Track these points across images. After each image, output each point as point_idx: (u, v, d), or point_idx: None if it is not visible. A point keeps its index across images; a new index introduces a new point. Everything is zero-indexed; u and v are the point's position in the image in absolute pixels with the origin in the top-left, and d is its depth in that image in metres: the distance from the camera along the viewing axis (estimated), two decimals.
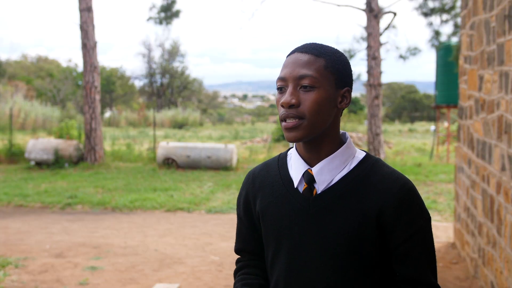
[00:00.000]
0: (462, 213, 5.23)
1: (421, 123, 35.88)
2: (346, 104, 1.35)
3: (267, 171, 1.45)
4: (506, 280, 3.38)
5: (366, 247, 1.30)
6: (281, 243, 1.37)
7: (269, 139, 20.68)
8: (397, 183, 1.31)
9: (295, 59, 1.32)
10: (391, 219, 1.29)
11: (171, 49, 44.39)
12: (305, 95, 1.29)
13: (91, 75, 12.94)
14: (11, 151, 13.27)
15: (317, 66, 1.30)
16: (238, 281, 1.47)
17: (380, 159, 1.38)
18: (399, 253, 1.31)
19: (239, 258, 1.55)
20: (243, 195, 1.49)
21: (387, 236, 1.31)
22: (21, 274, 4.93)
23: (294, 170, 1.38)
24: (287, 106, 1.29)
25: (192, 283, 4.75)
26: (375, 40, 12.56)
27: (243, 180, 1.52)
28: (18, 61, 44.02)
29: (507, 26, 3.36)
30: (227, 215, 7.78)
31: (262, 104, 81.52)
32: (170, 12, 18.22)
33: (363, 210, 1.29)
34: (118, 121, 30.68)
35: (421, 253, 1.31)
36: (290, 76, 1.31)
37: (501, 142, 3.56)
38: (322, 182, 1.33)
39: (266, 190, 1.42)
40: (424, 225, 1.32)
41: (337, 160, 1.34)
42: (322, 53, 1.32)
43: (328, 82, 1.30)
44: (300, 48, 1.34)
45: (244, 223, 1.50)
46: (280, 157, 1.46)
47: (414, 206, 1.31)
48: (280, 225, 1.37)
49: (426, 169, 11.96)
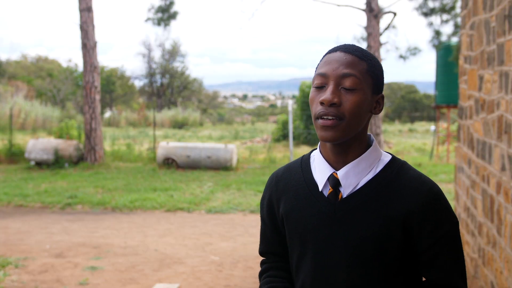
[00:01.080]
0: (462, 213, 5.23)
1: (421, 123, 35.86)
2: (379, 110, 1.34)
3: (290, 174, 1.44)
4: (506, 280, 3.38)
5: (392, 251, 1.28)
6: (306, 247, 1.36)
7: (269, 139, 20.68)
8: (424, 187, 1.29)
9: (339, 58, 1.29)
10: (417, 223, 1.28)
11: (171, 49, 44.39)
12: (347, 96, 1.27)
13: (91, 75, 12.93)
14: (11, 151, 13.27)
15: (360, 68, 1.28)
16: (264, 284, 1.47)
17: (406, 162, 1.37)
18: (427, 257, 1.30)
19: (264, 260, 1.54)
20: (267, 198, 1.47)
21: (413, 240, 1.29)
22: (21, 274, 4.93)
23: (319, 173, 1.36)
24: (328, 104, 1.26)
25: (192, 283, 4.75)
26: (375, 40, 12.56)
27: (266, 182, 1.50)
28: (18, 61, 44.01)
29: (507, 26, 3.36)
30: (227, 215, 7.78)
31: (262, 104, 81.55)
32: (168, 13, 18.19)
33: (390, 214, 1.28)
34: (118, 121, 30.67)
35: (449, 257, 1.29)
36: (333, 73, 1.27)
37: (501, 142, 3.56)
38: (348, 186, 1.32)
39: (290, 193, 1.40)
40: (452, 229, 1.30)
41: (363, 163, 1.32)
42: (365, 56, 1.30)
43: (368, 86, 1.29)
44: (343, 48, 1.32)
45: (268, 226, 1.49)
46: (303, 160, 1.44)
47: (441, 210, 1.29)
48: (305, 228, 1.36)
49: (426, 169, 11.96)
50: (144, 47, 44.12)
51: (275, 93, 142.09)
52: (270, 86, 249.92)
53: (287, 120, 18.43)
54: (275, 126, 22.16)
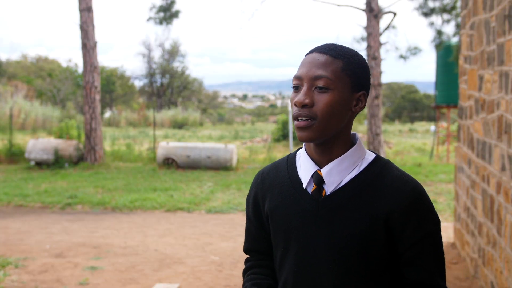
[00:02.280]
0: (462, 213, 5.23)
1: (421, 123, 35.87)
2: (361, 108, 1.34)
3: (276, 172, 1.45)
4: (506, 280, 3.38)
5: (375, 249, 1.29)
6: (290, 244, 1.37)
7: (269, 139, 20.68)
8: (407, 186, 1.30)
9: (313, 59, 1.31)
10: (400, 222, 1.28)
11: (171, 49, 44.39)
12: (319, 96, 1.28)
13: (91, 75, 12.94)
14: (11, 151, 13.27)
15: (333, 67, 1.29)
16: (247, 281, 1.47)
17: (390, 161, 1.38)
18: (408, 256, 1.30)
19: (248, 258, 1.55)
20: (252, 195, 1.48)
21: (396, 239, 1.30)
22: (21, 274, 4.93)
23: (303, 170, 1.37)
24: (300, 105, 1.29)
25: (192, 283, 4.75)
26: (375, 40, 12.56)
27: (253, 180, 1.51)
28: (18, 61, 44.00)
29: (507, 26, 3.36)
30: (227, 215, 7.78)
31: (262, 104, 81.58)
32: (170, 12, 18.22)
33: (372, 212, 1.29)
34: (118, 121, 30.68)
35: (430, 256, 1.30)
36: (306, 75, 1.30)
37: (501, 142, 3.56)
38: (331, 183, 1.33)
39: (275, 190, 1.42)
40: (434, 229, 1.31)
41: (347, 161, 1.33)
42: (340, 55, 1.31)
43: (343, 85, 1.29)
44: (319, 48, 1.33)
45: (253, 223, 1.50)
46: (289, 158, 1.46)
47: (423, 209, 1.30)
48: (289, 225, 1.37)
49: (426, 169, 11.97)
50: (144, 47, 44.15)
51: (275, 93, 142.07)
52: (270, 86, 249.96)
53: (287, 120, 18.44)
54: (275, 126, 22.15)
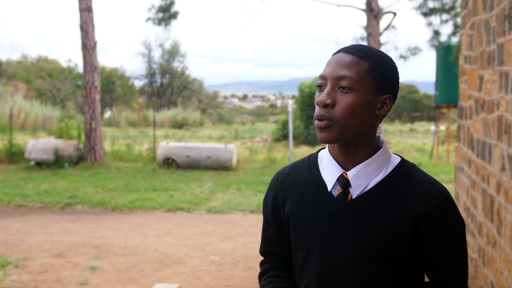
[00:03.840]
0: (462, 213, 5.23)
1: (421, 123, 35.86)
2: (386, 111, 1.32)
3: (297, 173, 1.42)
4: (506, 280, 3.38)
5: (399, 253, 1.28)
6: (313, 247, 1.34)
7: (269, 139, 20.68)
8: (434, 191, 1.29)
9: (338, 59, 1.29)
10: (426, 227, 1.28)
11: (171, 49, 44.38)
12: (342, 97, 1.27)
13: (91, 75, 12.94)
14: (11, 151, 13.27)
15: (358, 68, 1.27)
16: (266, 284, 1.44)
17: (415, 164, 1.36)
18: (434, 260, 1.30)
19: (264, 260, 1.51)
20: (271, 196, 1.45)
21: (422, 243, 1.29)
22: (21, 274, 4.93)
23: (327, 173, 1.35)
24: (322, 105, 1.27)
25: (192, 283, 4.75)
26: (375, 40, 12.56)
27: (271, 181, 1.48)
28: (18, 61, 44.01)
29: (507, 26, 3.36)
30: (227, 215, 7.78)
31: (262, 104, 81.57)
32: (169, 13, 18.22)
33: (399, 217, 1.28)
34: (118, 121, 30.67)
35: (456, 260, 1.30)
36: (330, 75, 1.28)
37: (501, 142, 3.56)
38: (358, 186, 1.31)
39: (297, 192, 1.39)
40: (460, 233, 1.31)
41: (373, 165, 1.32)
42: (367, 56, 1.29)
43: (368, 86, 1.27)
44: (346, 49, 1.31)
45: (271, 225, 1.46)
46: (310, 159, 1.43)
47: (450, 214, 1.29)
48: (312, 228, 1.34)
49: (426, 169, 11.96)
50: (144, 47, 44.11)
51: (275, 93, 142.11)
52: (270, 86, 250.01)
53: (287, 120, 18.43)
54: (275, 126, 22.15)
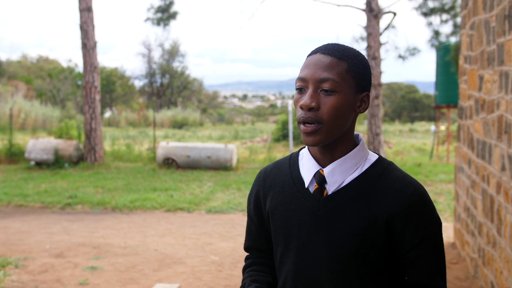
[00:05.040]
0: (462, 213, 5.23)
1: (421, 123, 35.86)
2: (364, 109, 1.34)
3: (278, 170, 1.45)
4: (506, 280, 3.38)
5: (374, 250, 1.29)
6: (290, 243, 1.37)
7: (269, 139, 20.67)
8: (409, 188, 1.29)
9: (317, 60, 1.29)
10: (401, 224, 1.28)
11: (171, 49, 44.39)
12: (325, 99, 1.27)
13: (91, 75, 12.94)
14: (11, 151, 13.27)
15: (339, 69, 1.28)
16: (246, 277, 1.48)
17: (392, 162, 1.37)
18: (409, 258, 1.30)
19: (248, 255, 1.55)
20: (254, 193, 1.48)
21: (396, 240, 1.30)
22: (21, 274, 4.93)
23: (306, 170, 1.37)
24: (307, 108, 1.27)
25: (192, 283, 4.75)
26: (375, 40, 12.56)
27: (255, 178, 1.51)
28: (18, 61, 44.00)
29: (507, 26, 3.36)
30: (227, 215, 7.78)
31: (262, 104, 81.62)
32: (168, 13, 18.23)
33: (373, 213, 1.28)
34: (118, 121, 30.69)
35: (431, 258, 1.30)
36: (311, 78, 1.28)
37: (501, 142, 3.56)
38: (333, 183, 1.32)
39: (277, 189, 1.42)
40: (435, 231, 1.31)
41: (349, 161, 1.33)
42: (345, 56, 1.30)
43: (348, 86, 1.29)
44: (323, 49, 1.31)
45: (254, 221, 1.50)
46: (291, 157, 1.45)
47: (425, 211, 1.30)
48: (289, 224, 1.37)
49: (426, 169, 11.96)
50: (144, 47, 44.16)
51: (275, 93, 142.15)
52: (270, 86, 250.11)
53: (287, 120, 18.43)
54: (275, 126, 22.14)
